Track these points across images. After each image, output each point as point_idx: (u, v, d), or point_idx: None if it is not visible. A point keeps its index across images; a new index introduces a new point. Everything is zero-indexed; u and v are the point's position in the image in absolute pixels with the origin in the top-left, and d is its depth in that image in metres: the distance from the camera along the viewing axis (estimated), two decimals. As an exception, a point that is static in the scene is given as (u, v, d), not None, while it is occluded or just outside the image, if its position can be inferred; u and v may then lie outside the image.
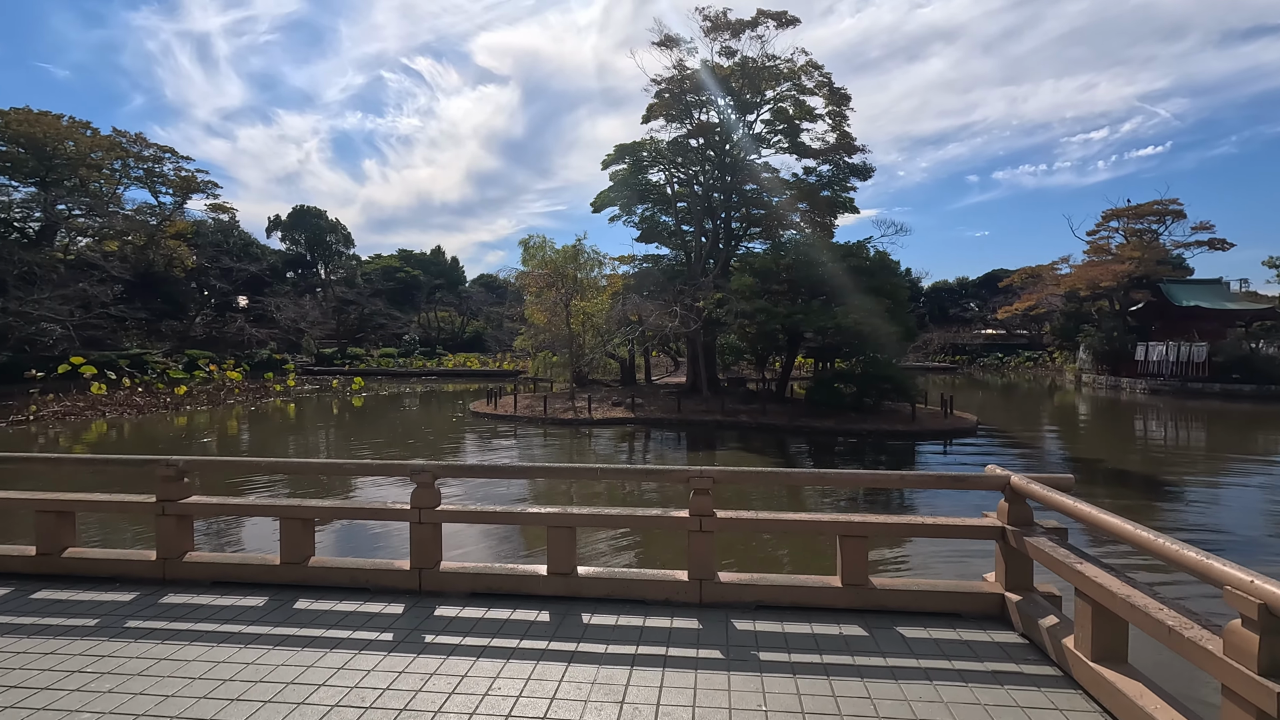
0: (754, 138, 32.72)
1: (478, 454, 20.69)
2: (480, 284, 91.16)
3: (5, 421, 25.38)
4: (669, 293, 29.58)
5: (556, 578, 4.77)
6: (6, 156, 49.72)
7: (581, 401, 29.40)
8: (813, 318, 24.45)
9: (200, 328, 58.41)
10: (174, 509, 5.10)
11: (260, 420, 28.79)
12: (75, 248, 53.24)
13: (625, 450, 21.87)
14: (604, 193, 35.38)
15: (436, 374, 57.87)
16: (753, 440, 22.94)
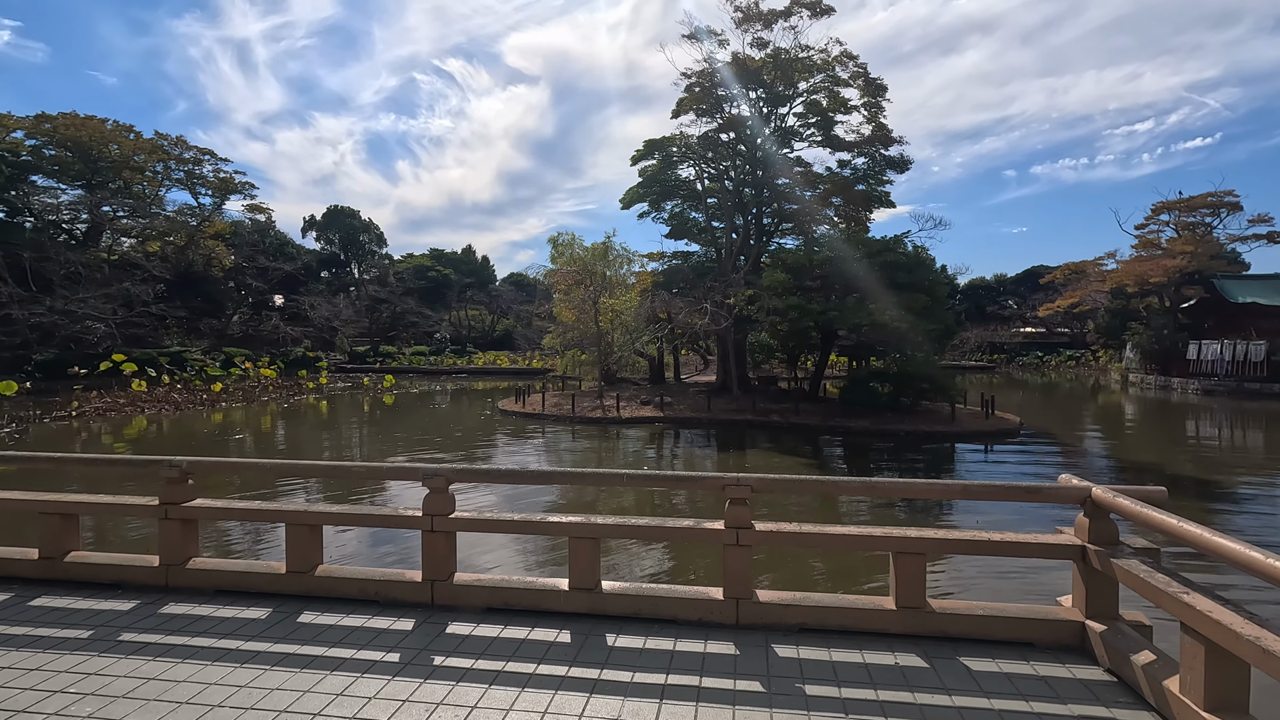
0: (786, 131, 32.00)
1: (504, 452, 20.48)
2: (510, 283, 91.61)
3: (48, 417, 26.00)
4: (699, 289, 29.04)
5: (579, 593, 4.37)
6: (55, 160, 51.30)
7: (610, 400, 29.06)
8: (847, 315, 23.72)
9: (237, 326, 59.58)
10: (177, 513, 4.83)
11: (292, 417, 29.07)
12: (119, 248, 54.69)
13: (654, 450, 21.46)
14: (633, 189, 34.97)
15: (466, 372, 58.16)
16: (785, 440, 22.33)
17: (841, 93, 30.00)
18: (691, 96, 31.83)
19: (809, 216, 32.78)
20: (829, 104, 30.36)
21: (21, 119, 49.89)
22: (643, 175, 34.90)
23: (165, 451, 21.34)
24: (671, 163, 34.47)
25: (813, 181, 32.45)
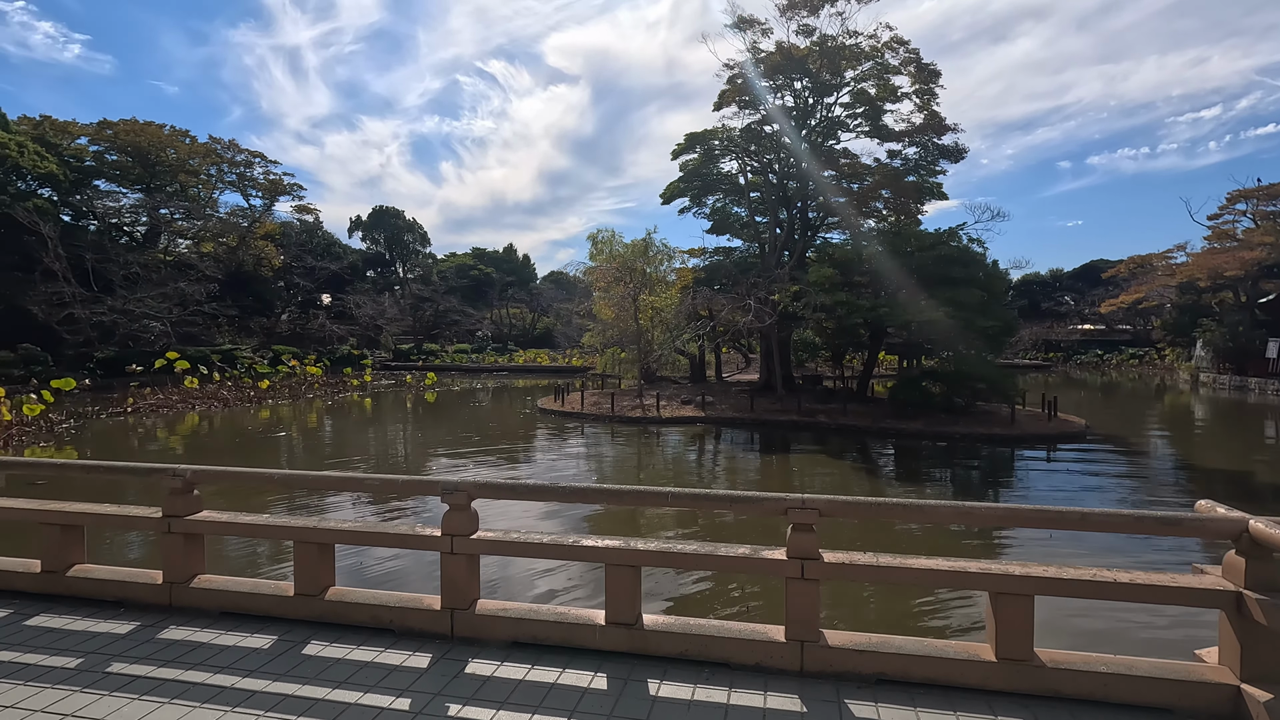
0: (832, 122, 30.91)
1: (541, 453, 20.09)
2: (550, 281, 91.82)
3: (105, 413, 26.74)
4: (742, 286, 28.22)
5: (617, 629, 3.80)
6: (116, 165, 53.24)
7: (650, 399, 28.50)
8: (899, 311, 22.64)
9: (286, 324, 61.02)
10: (180, 526, 4.44)
11: (336, 414, 29.34)
12: (175, 249, 56.52)
13: (694, 451, 20.81)
14: (674, 183, 34.32)
15: (507, 370, 58.39)
16: (832, 442, 21.42)
17: (891, 80, 28.76)
18: (734, 88, 31.01)
19: (856, 210, 31.62)
20: (878, 92, 29.15)
21: (85, 126, 51.97)
22: (684, 170, 34.21)
23: (215, 448, 21.65)
24: (713, 156, 33.68)
25: (860, 173, 31.28)
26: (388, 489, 4.19)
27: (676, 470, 17.66)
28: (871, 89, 29.76)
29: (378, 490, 3.86)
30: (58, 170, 46.17)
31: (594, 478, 16.10)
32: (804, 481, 15.87)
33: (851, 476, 16.70)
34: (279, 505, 12.67)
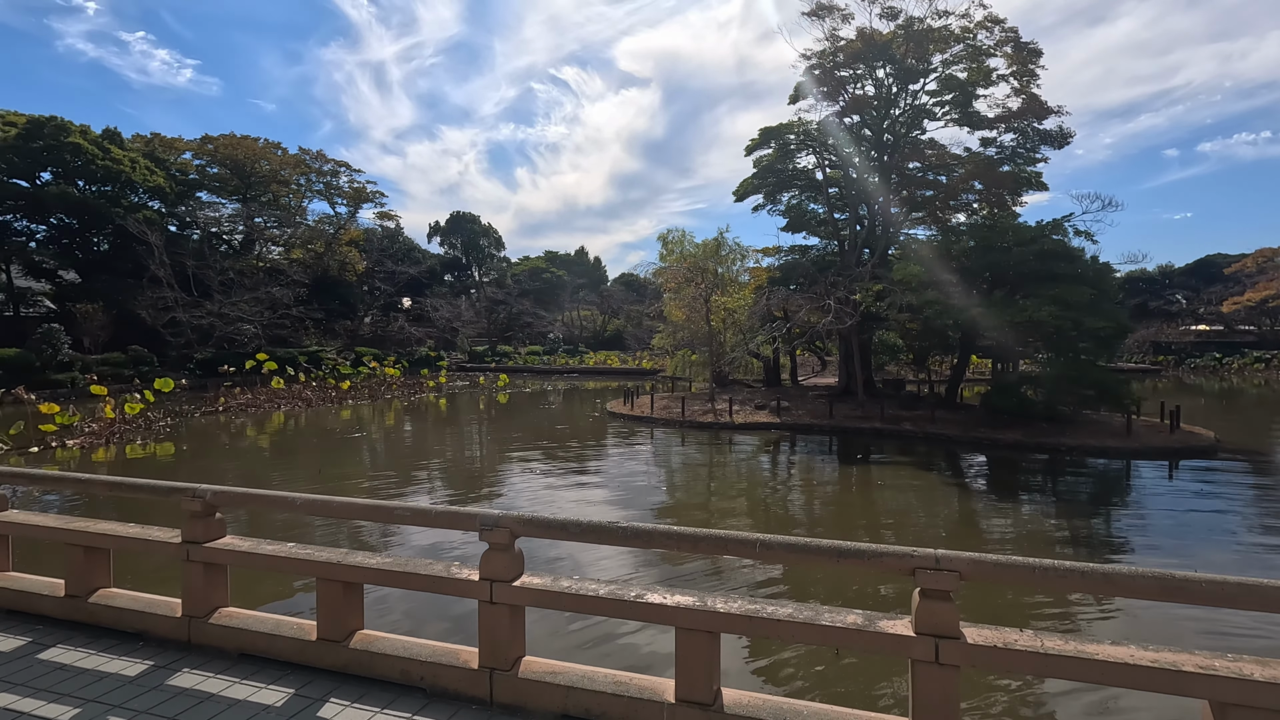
0: (917, 110, 29.06)
1: (609, 458, 19.50)
2: (621, 283, 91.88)
3: (199, 412, 28.09)
4: (820, 285, 26.82)
5: (690, 709, 3.02)
6: (216, 178, 56.69)
7: (722, 403, 27.52)
8: (995, 311, 20.81)
9: (368, 327, 63.31)
10: (199, 554, 3.97)
11: (411, 414, 29.82)
12: (268, 256, 59.59)
13: (768, 459, 19.73)
14: (748, 180, 33.19)
15: (578, 371, 58.52)
16: (917, 452, 19.88)
17: (985, 63, 26.68)
18: (811, 79, 29.65)
19: (944, 203, 29.64)
20: (969, 76, 27.13)
21: (190, 141, 55.54)
22: (757, 166, 33.05)
23: (299, 447, 22.19)
24: (789, 151, 32.37)
25: (948, 164, 29.29)
26: (420, 520, 3.56)
27: (750, 482, 16.68)
28: (961, 73, 27.76)
29: (409, 521, 3.22)
30: (165, 184, 49.44)
31: (663, 489, 15.35)
32: (891, 498, 14.59)
33: (944, 492, 15.27)
34: (320, 528, 12.11)
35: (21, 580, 4.54)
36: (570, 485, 15.28)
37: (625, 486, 15.20)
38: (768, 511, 13.50)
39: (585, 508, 13.18)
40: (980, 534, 11.82)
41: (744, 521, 12.59)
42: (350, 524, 12.22)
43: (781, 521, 12.59)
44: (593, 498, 14.04)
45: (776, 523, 12.51)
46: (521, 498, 14.07)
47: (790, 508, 13.92)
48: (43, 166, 44.09)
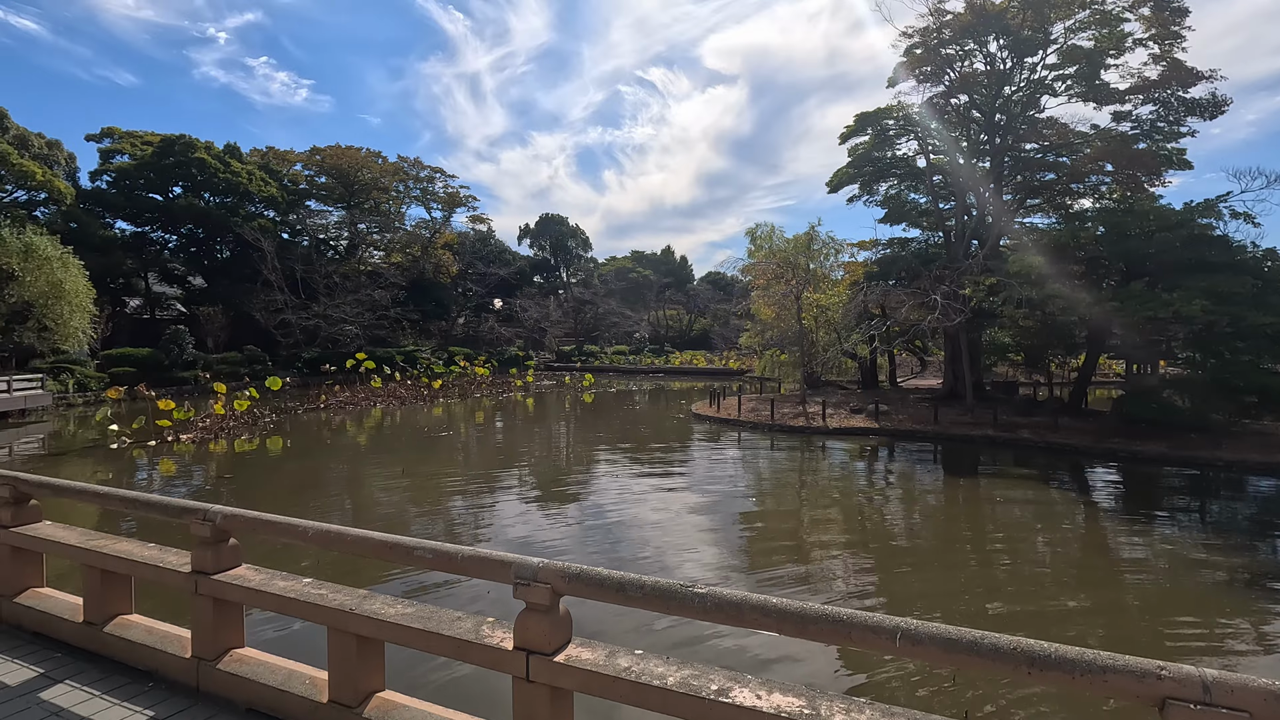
0: (1035, 85, 26.36)
1: (694, 465, 18.58)
2: (707, 281, 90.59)
3: (302, 409, 29.42)
4: (923, 280, 24.77)
5: None
6: (323, 187, 60.02)
7: (814, 406, 25.99)
8: (1133, 306, 18.31)
9: (461, 327, 65.27)
10: (208, 587, 3.44)
11: (499, 412, 30.06)
12: (369, 260, 62.55)
13: (864, 465, 18.21)
14: (842, 169, 31.35)
15: (663, 371, 57.88)
16: (1036, 463, 17.78)
17: (1118, 28, 23.78)
18: (912, 59, 27.55)
19: (1065, 187, 26.80)
20: (1098, 44, 24.26)
21: (300, 154, 59.08)
22: (852, 154, 31.14)
23: (391, 444, 22.69)
24: (887, 138, 30.29)
25: (1071, 144, 26.41)
26: (443, 564, 2.85)
27: (844, 492, 15.33)
28: (1087, 42, 24.88)
29: (430, 564, 2.50)
30: (278, 193, 52.73)
31: (751, 498, 14.31)
32: (1007, 516, 12.91)
33: (1071, 511, 13.38)
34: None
35: (49, 600, 4.24)
36: (653, 491, 14.52)
37: (710, 493, 14.29)
38: (864, 527, 12.22)
39: (667, 516, 12.41)
40: (1120, 565, 10.12)
41: (838, 537, 11.40)
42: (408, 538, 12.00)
43: (882, 540, 11.31)
44: (675, 504, 13.23)
45: (876, 541, 11.25)
46: (603, 501, 13.45)
47: (890, 523, 12.57)
48: (174, 181, 48.02)
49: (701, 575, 9.30)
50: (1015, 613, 8.27)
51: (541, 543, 10.76)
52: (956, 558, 10.53)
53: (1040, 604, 8.47)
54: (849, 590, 8.86)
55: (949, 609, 8.28)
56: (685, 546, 10.60)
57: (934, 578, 9.46)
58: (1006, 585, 9.19)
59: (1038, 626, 7.76)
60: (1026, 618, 8.07)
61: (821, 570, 9.67)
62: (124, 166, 46.87)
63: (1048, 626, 7.81)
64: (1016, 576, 9.49)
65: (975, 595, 8.82)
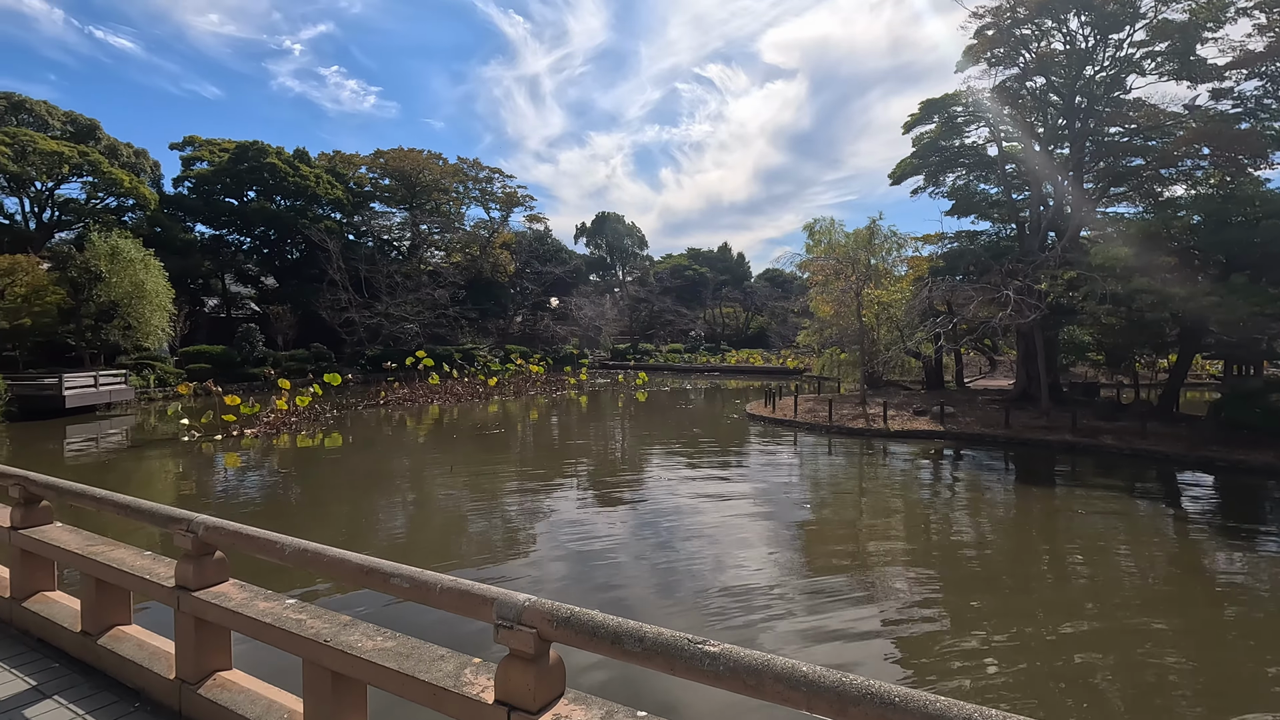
0: (1121, 64, 24.44)
1: (749, 467, 17.95)
2: (765, 279, 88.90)
3: (362, 405, 30.16)
4: (994, 274, 23.33)
5: None
6: (387, 189, 61.68)
7: (875, 407, 24.89)
8: (1235, 300, 16.66)
9: (518, 326, 66.06)
10: (189, 605, 3.18)
11: (552, 410, 30.06)
12: (431, 260, 63.98)
13: (929, 473, 17.17)
14: (906, 160, 29.94)
15: (719, 370, 57.04)
16: (1122, 472, 16.37)
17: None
18: (983, 40, 25.97)
19: (1155, 173, 24.76)
20: (1193, 15, 22.27)
21: (364, 157, 60.90)
22: (917, 144, 29.70)
23: (445, 441, 22.96)
24: (954, 126, 28.71)
25: (1162, 126, 24.35)
26: (419, 595, 2.47)
27: (907, 498, 14.44)
28: (1181, 14, 22.88)
29: (406, 595, 2.10)
30: (343, 196, 54.47)
31: (807, 508, 13.62)
32: (1090, 531, 11.80)
33: (1163, 528, 12.15)
34: (420, 530, 12.42)
35: (54, 606, 4.11)
36: (706, 497, 14.03)
37: (766, 499, 13.71)
38: (928, 538, 11.39)
39: (723, 521, 11.91)
40: (1217, 588, 9.03)
41: (900, 548, 10.64)
42: (442, 530, 11.86)
43: (948, 553, 10.48)
44: (726, 511, 12.71)
45: (941, 553, 10.44)
46: (653, 505, 13.04)
47: (957, 535, 11.68)
48: (248, 185, 50.20)
49: (754, 582, 8.80)
50: (1094, 633, 7.46)
51: (590, 545, 10.59)
52: (1030, 574, 9.66)
53: (1122, 627, 7.60)
54: (909, 605, 8.19)
55: (1021, 631, 7.52)
56: (737, 553, 10.15)
57: (1005, 595, 8.67)
58: (1084, 604, 8.32)
59: (1119, 651, 6.94)
60: (1107, 639, 7.25)
61: (881, 584, 8.99)
62: (203, 173, 49.32)
63: (1129, 650, 6.98)
64: (1097, 596, 8.59)
65: (1050, 614, 8.01)
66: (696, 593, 8.58)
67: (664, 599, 8.46)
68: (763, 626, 7.54)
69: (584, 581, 9.03)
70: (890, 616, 7.88)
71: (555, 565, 9.75)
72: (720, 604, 8.18)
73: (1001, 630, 7.57)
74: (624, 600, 8.36)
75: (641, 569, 9.52)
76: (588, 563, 9.80)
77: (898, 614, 7.95)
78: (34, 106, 41.69)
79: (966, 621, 7.85)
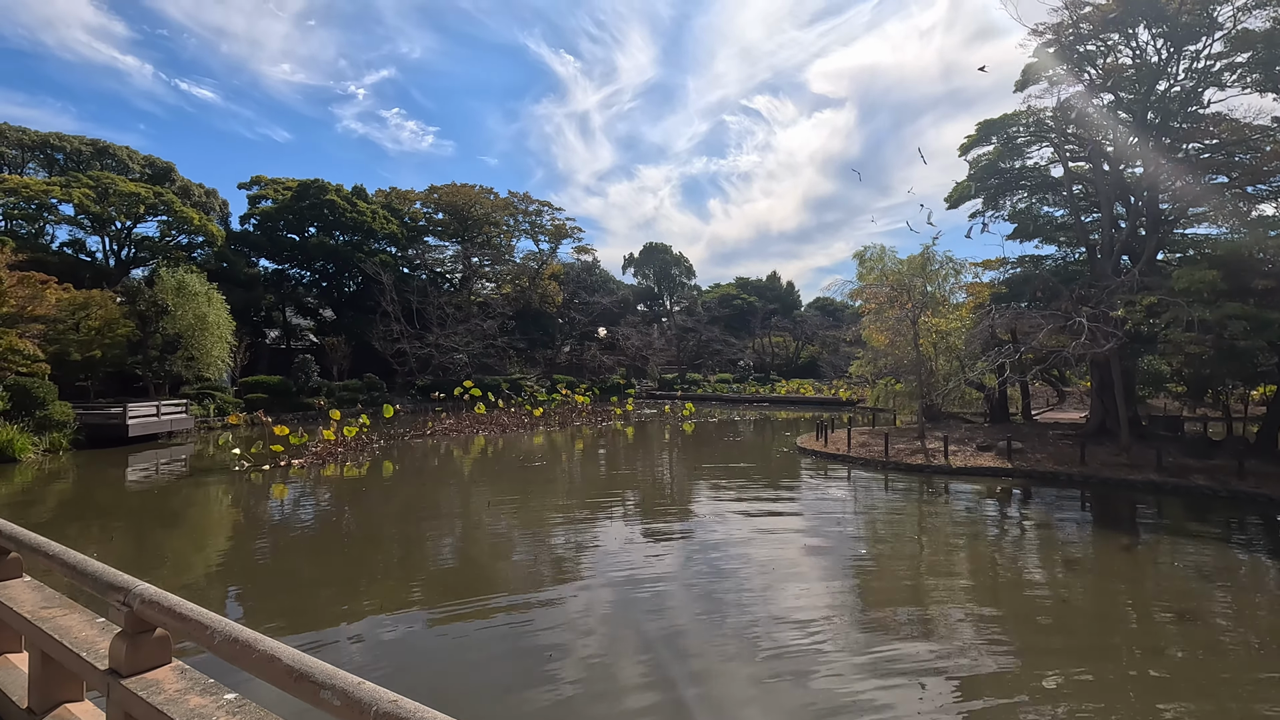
0: (1198, 76, 22.96)
1: (799, 508, 16.97)
2: (815, 308, 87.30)
3: (409, 435, 30.30)
4: (1063, 301, 21.89)
5: None
6: (440, 223, 63.38)
7: (934, 442, 23.51)
8: (1345, 328, 15.00)
9: (565, 356, 66.33)
10: (119, 694, 2.70)
11: (597, 442, 29.55)
12: (481, 292, 65.13)
13: (994, 513, 15.84)
14: (962, 183, 28.77)
15: (768, 401, 55.71)
16: (1216, 516, 14.79)
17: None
18: (1044, 58, 24.90)
19: (1242, 191, 23.03)
20: (1277, 23, 20.78)
21: (419, 193, 62.84)
22: (974, 166, 28.51)
23: (488, 473, 22.70)
24: (1014, 147, 27.45)
25: (1246, 141, 22.68)
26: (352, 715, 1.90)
27: (973, 544, 13.22)
28: (1263, 23, 21.39)
29: (336, 713, 1.45)
30: (398, 230, 56.12)
31: (862, 549, 12.62)
32: (1187, 588, 10.46)
33: (1272, 580, 10.70)
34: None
35: (11, 673, 3.72)
36: (753, 536, 13.19)
37: (816, 539, 12.80)
38: (997, 594, 10.27)
39: (768, 568, 11.10)
40: None
41: (966, 605, 9.57)
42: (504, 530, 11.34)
43: (1021, 610, 9.37)
44: (779, 554, 11.84)
45: (1011, 609, 9.34)
46: (698, 550, 12.28)
47: (1031, 589, 10.51)
48: (309, 222, 52.25)
49: (803, 639, 8.02)
50: (1199, 714, 6.37)
51: (638, 582, 9.97)
52: (1117, 638, 8.50)
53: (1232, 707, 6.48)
54: (977, 672, 7.21)
55: (1110, 711, 6.48)
56: (787, 598, 9.34)
57: (1088, 664, 7.56)
58: (1183, 676, 7.20)
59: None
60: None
61: (947, 643, 8.01)
62: (267, 210, 51.61)
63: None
64: (1198, 667, 7.43)
65: (1143, 691, 6.92)
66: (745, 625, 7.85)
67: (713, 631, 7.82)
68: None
69: (630, 611, 8.40)
70: (956, 690, 6.95)
71: (596, 598, 9.12)
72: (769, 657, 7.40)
73: (1088, 711, 6.54)
74: (669, 630, 7.84)
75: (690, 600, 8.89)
76: (634, 591, 9.60)
77: (963, 689, 7.01)
78: (116, 151, 44.52)
79: (1046, 698, 6.84)
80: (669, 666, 7.39)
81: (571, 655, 7.70)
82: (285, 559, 12.23)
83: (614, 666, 7.48)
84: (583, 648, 7.93)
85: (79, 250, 43.28)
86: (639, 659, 7.67)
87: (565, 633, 8.42)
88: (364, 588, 10.32)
